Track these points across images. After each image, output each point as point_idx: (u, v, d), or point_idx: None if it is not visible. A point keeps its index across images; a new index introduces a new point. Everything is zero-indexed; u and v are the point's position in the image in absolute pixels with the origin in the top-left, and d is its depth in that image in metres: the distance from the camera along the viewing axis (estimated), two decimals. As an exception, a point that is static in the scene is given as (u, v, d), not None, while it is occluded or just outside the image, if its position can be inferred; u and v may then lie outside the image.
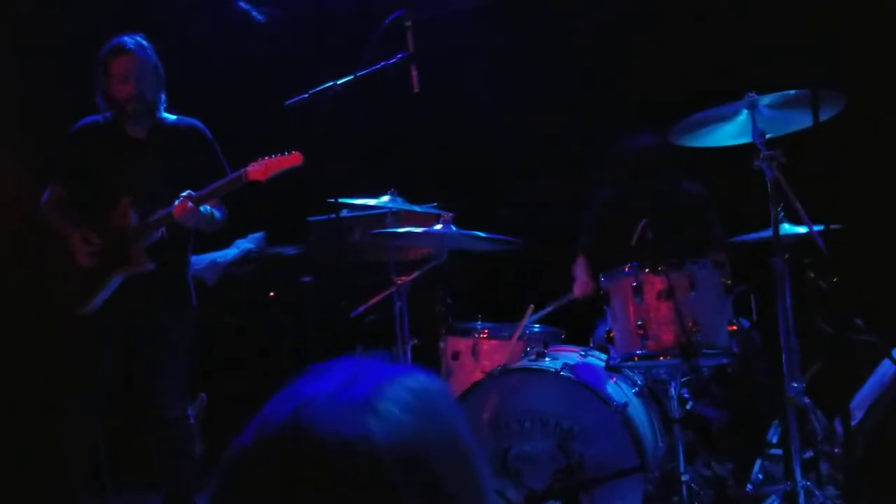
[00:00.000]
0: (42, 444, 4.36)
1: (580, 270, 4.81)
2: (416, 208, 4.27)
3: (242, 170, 3.90)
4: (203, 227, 4.02)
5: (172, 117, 4.12)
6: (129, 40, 3.97)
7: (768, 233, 3.48)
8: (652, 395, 3.85)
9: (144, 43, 4.01)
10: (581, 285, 4.71)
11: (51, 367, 4.47)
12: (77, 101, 4.21)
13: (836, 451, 3.62)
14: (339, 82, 3.84)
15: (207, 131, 4.16)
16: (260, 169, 3.86)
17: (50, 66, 5.08)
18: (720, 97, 3.53)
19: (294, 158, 3.87)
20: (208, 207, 3.97)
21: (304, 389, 0.95)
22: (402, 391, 0.96)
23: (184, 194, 3.84)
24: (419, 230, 4.24)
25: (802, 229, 3.47)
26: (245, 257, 5.25)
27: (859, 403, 3.80)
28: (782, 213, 3.46)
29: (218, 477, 0.93)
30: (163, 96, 4.07)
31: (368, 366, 0.99)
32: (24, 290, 4.68)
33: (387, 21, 3.84)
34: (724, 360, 3.68)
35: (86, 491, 4.00)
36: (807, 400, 3.59)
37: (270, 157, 3.87)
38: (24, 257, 4.64)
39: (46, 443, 4.07)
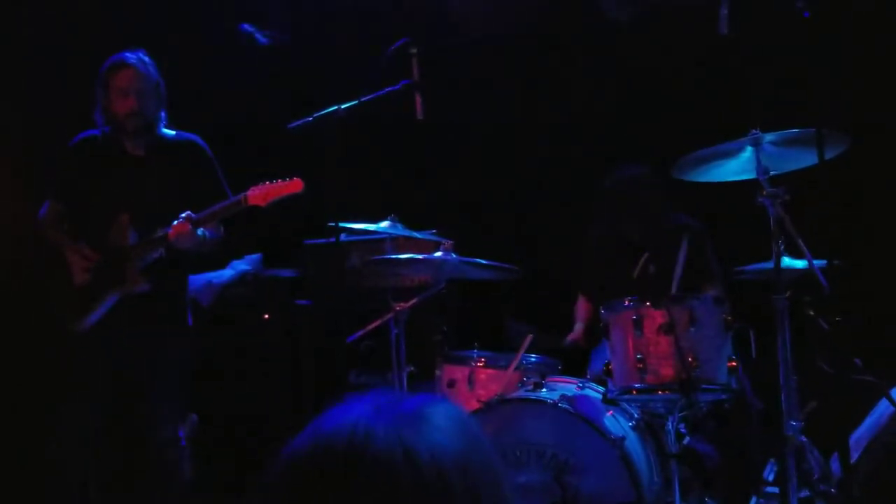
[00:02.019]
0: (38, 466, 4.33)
1: (578, 314, 4.82)
2: (416, 234, 4.25)
3: (242, 194, 3.86)
4: (198, 250, 3.97)
5: (171, 133, 4.09)
6: (130, 56, 3.95)
7: (768, 265, 3.48)
8: (648, 428, 3.82)
9: (146, 59, 3.98)
10: (574, 333, 4.72)
11: (44, 383, 4.42)
12: (77, 113, 4.19)
13: (832, 490, 3.60)
14: (342, 107, 3.84)
15: (207, 147, 4.12)
16: (260, 194, 3.82)
17: (51, 79, 5.07)
18: (724, 133, 3.53)
19: (295, 185, 3.84)
20: (201, 229, 3.92)
21: (346, 410, 0.96)
22: (443, 409, 0.99)
23: (183, 215, 3.80)
24: (419, 257, 4.23)
25: (803, 264, 3.46)
26: (241, 279, 5.22)
27: (856, 443, 3.78)
28: (783, 247, 3.45)
29: (262, 492, 0.93)
30: (163, 114, 4.05)
31: (399, 394, 1.02)
32: (19, 303, 4.64)
33: (391, 48, 3.85)
34: (723, 397, 3.66)
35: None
36: (804, 438, 3.57)
37: (271, 182, 3.84)
38: (21, 271, 4.59)
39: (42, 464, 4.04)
